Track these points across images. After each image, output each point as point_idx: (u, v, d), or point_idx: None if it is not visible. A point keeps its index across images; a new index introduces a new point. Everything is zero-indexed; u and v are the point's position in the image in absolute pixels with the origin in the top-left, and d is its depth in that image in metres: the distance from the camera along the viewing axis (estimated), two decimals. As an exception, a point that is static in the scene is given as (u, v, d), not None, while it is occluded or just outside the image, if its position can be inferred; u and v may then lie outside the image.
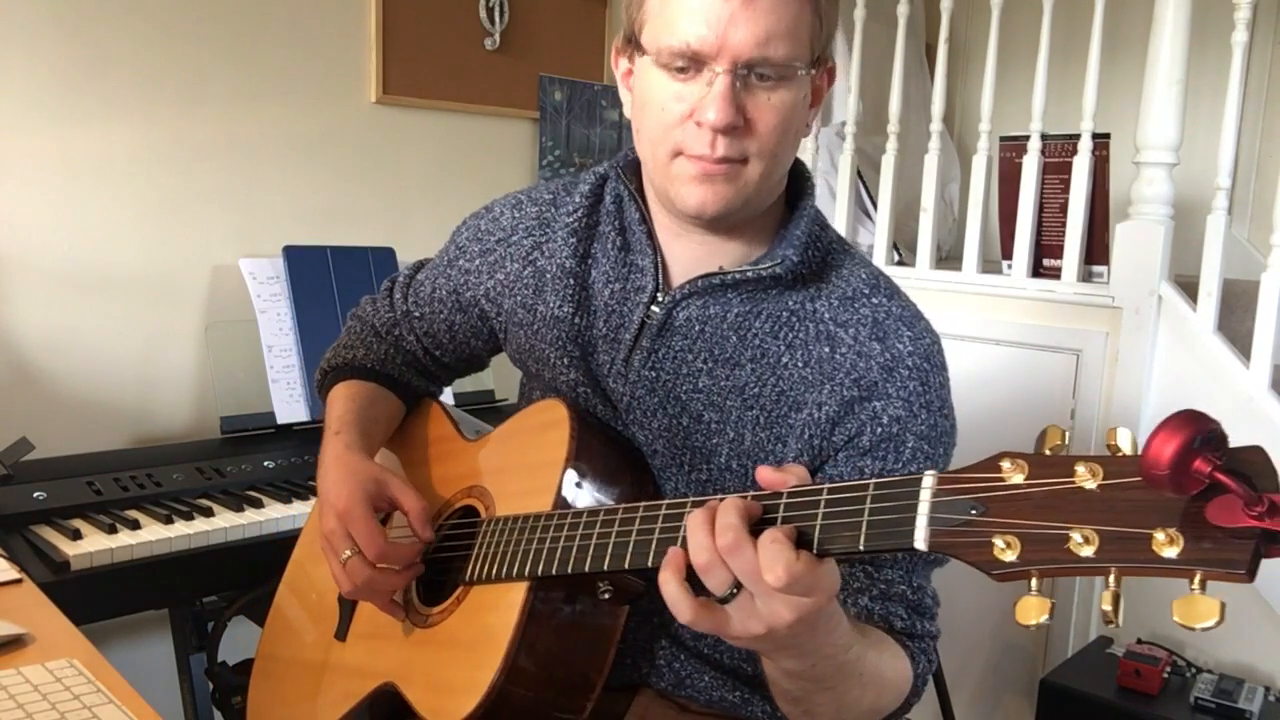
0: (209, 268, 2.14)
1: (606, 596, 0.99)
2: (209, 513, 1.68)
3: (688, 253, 1.08)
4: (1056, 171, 2.34)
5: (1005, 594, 0.61)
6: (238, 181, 2.17)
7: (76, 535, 1.54)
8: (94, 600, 1.50)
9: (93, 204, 1.99)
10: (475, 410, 2.17)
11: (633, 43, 1.03)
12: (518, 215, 1.19)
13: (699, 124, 0.96)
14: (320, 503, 1.14)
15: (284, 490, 1.80)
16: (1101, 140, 2.26)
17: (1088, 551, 0.60)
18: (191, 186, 2.11)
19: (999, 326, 2.37)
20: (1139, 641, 2.08)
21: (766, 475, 0.81)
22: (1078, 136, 2.26)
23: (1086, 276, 2.29)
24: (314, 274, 2.11)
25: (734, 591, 0.78)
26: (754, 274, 1.03)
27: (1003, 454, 0.67)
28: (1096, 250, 2.28)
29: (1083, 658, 2.11)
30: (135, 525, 1.60)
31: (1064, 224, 2.31)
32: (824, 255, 1.08)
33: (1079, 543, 0.61)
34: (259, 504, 1.74)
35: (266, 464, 1.88)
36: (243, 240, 2.18)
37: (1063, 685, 1.99)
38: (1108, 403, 2.21)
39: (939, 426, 1.02)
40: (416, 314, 1.29)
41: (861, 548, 0.73)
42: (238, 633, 1.73)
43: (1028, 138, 2.35)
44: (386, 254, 2.23)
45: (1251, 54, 2.43)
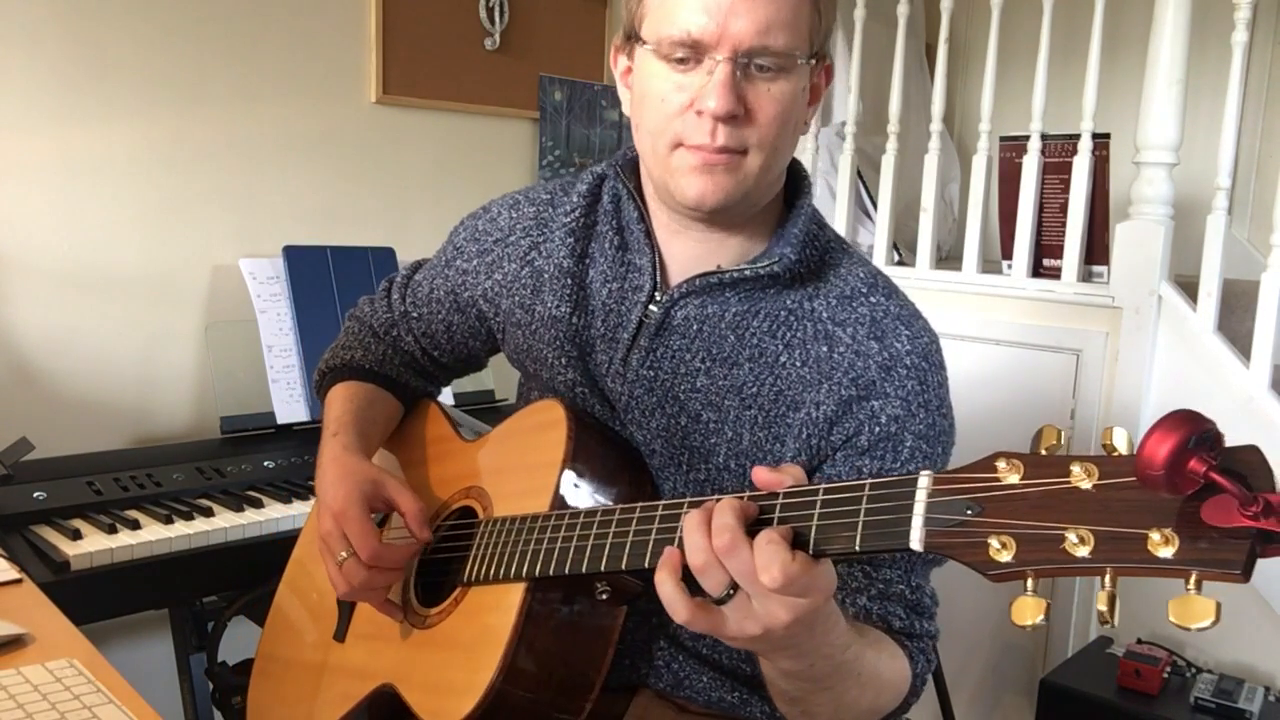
0: (209, 268, 2.14)
1: (604, 597, 0.99)
2: (209, 513, 1.68)
3: (686, 251, 1.08)
4: (1056, 171, 2.34)
5: (1005, 594, 0.61)
6: (238, 181, 2.17)
7: (76, 535, 1.54)
8: (94, 600, 1.50)
9: (93, 204, 1.99)
10: (475, 410, 2.17)
11: (632, 38, 1.03)
12: (515, 215, 1.19)
13: (699, 113, 0.96)
14: (318, 503, 1.14)
15: (284, 490, 1.80)
16: (1101, 140, 2.26)
17: (1083, 552, 0.60)
18: (191, 186, 2.11)
19: (999, 326, 2.37)
20: (1139, 641, 2.08)
21: (762, 476, 0.81)
22: (1078, 136, 2.26)
23: (1086, 276, 2.29)
24: (314, 274, 2.11)
25: (731, 592, 0.78)
26: (752, 273, 1.03)
27: (998, 454, 0.67)
28: (1096, 250, 2.28)
29: (1083, 658, 2.11)
30: (135, 525, 1.61)
31: (1064, 224, 2.30)
32: (822, 254, 1.08)
33: (1074, 543, 0.61)
34: (259, 504, 1.74)
35: (266, 464, 1.88)
36: (243, 240, 2.18)
37: (1063, 685, 1.99)
38: (1107, 403, 2.21)
39: (937, 426, 1.02)
40: (414, 314, 1.29)
41: (858, 548, 0.73)
42: (238, 633, 1.73)
43: (1028, 138, 2.35)
44: (386, 254, 2.23)
45: (1251, 54, 2.43)
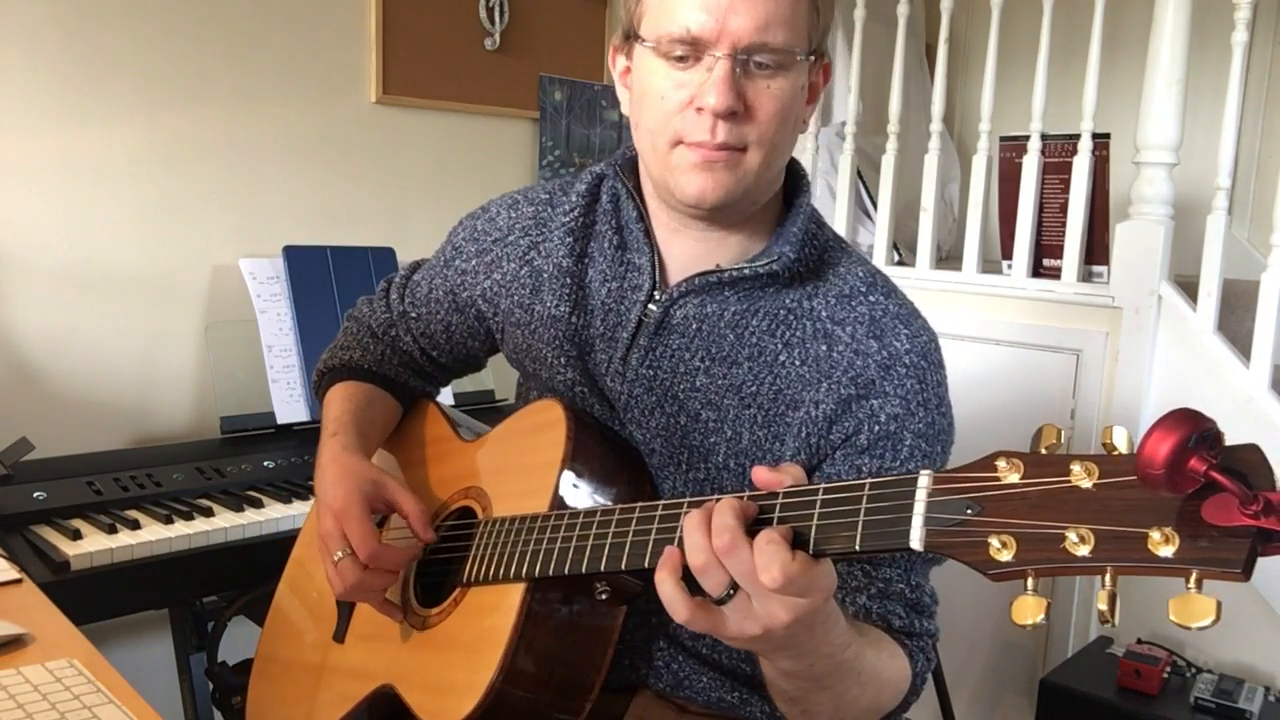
0: (209, 268, 2.14)
1: (604, 597, 0.99)
2: (209, 513, 1.68)
3: (685, 250, 1.08)
4: (1056, 171, 2.34)
5: (1005, 594, 0.61)
6: (238, 181, 2.17)
7: (76, 535, 1.54)
8: (94, 600, 1.49)
9: (93, 204, 1.99)
10: (475, 410, 2.17)
11: (631, 37, 1.03)
12: (514, 215, 1.19)
13: (699, 110, 0.96)
14: (317, 503, 1.14)
15: (284, 490, 1.80)
16: (1101, 140, 2.26)
17: (1084, 551, 0.60)
18: (191, 186, 2.11)
19: (999, 326, 2.37)
20: (1139, 641, 2.08)
21: (762, 475, 0.81)
22: (1078, 136, 2.26)
23: (1086, 276, 2.29)
24: (314, 274, 2.11)
25: (731, 592, 0.78)
26: (751, 271, 1.03)
27: (998, 453, 0.67)
28: (1096, 250, 2.28)
29: (1083, 658, 2.11)
30: (135, 525, 1.60)
31: (1064, 224, 2.30)
32: (821, 253, 1.08)
33: (1075, 542, 0.61)
34: (259, 504, 1.74)
35: (266, 464, 1.88)
36: (243, 240, 2.18)
37: (1063, 685, 1.99)
38: (1107, 403, 2.21)
39: (936, 424, 1.02)
40: (413, 314, 1.29)
41: (857, 548, 0.73)
42: (238, 633, 1.73)
43: (1028, 138, 2.35)
44: (386, 254, 2.23)
45: (1251, 54, 2.43)
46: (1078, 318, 2.26)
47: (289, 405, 2.02)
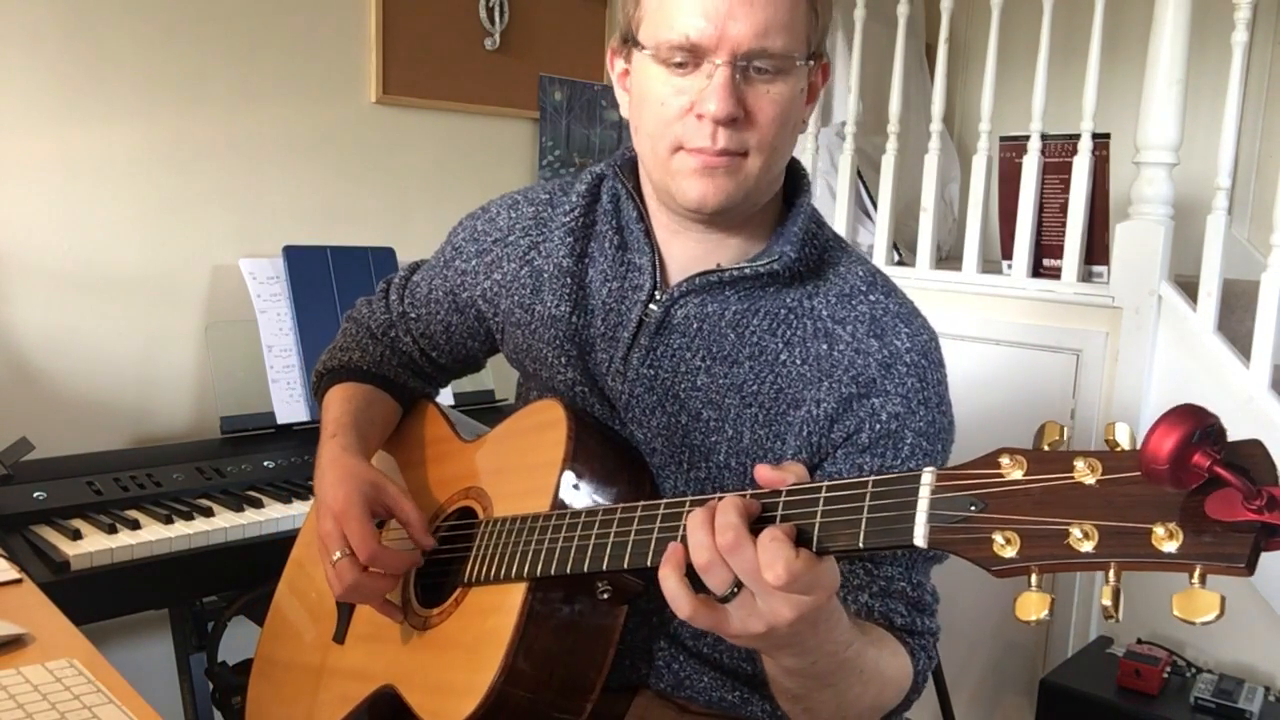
0: (209, 268, 2.14)
1: (605, 596, 0.98)
2: (209, 513, 1.68)
3: (685, 251, 1.08)
4: (1056, 171, 2.34)
5: (1005, 593, 0.61)
6: (238, 181, 2.17)
7: (76, 535, 1.54)
8: (94, 600, 1.49)
9: (93, 204, 1.99)
10: (475, 410, 2.17)
11: (629, 41, 1.03)
12: (514, 215, 1.19)
13: (700, 116, 0.96)
14: (317, 504, 1.14)
15: (284, 490, 1.80)
16: (1101, 140, 2.26)
17: (1087, 547, 0.60)
18: (191, 186, 2.11)
19: (999, 326, 2.37)
20: (1139, 641, 2.08)
21: (765, 474, 0.81)
22: (1078, 136, 2.26)
23: (1086, 276, 2.29)
24: (314, 274, 2.11)
25: (734, 590, 0.78)
26: (752, 271, 1.03)
27: (1001, 450, 0.67)
28: (1096, 250, 2.28)
29: (1083, 657, 2.11)
30: (135, 525, 1.60)
31: (1064, 224, 2.31)
32: (821, 252, 1.08)
33: (1079, 538, 0.61)
34: (259, 504, 1.74)
35: (266, 464, 1.88)
36: (243, 240, 2.18)
37: (1063, 685, 1.99)
38: (1108, 403, 2.21)
39: (937, 423, 1.03)
40: (413, 315, 1.29)
41: (861, 545, 0.73)
42: (238, 633, 1.72)
43: (1028, 138, 2.35)
44: (386, 254, 2.22)
45: (1251, 54, 2.43)
46: (1078, 318, 2.26)
47: (289, 405, 2.02)
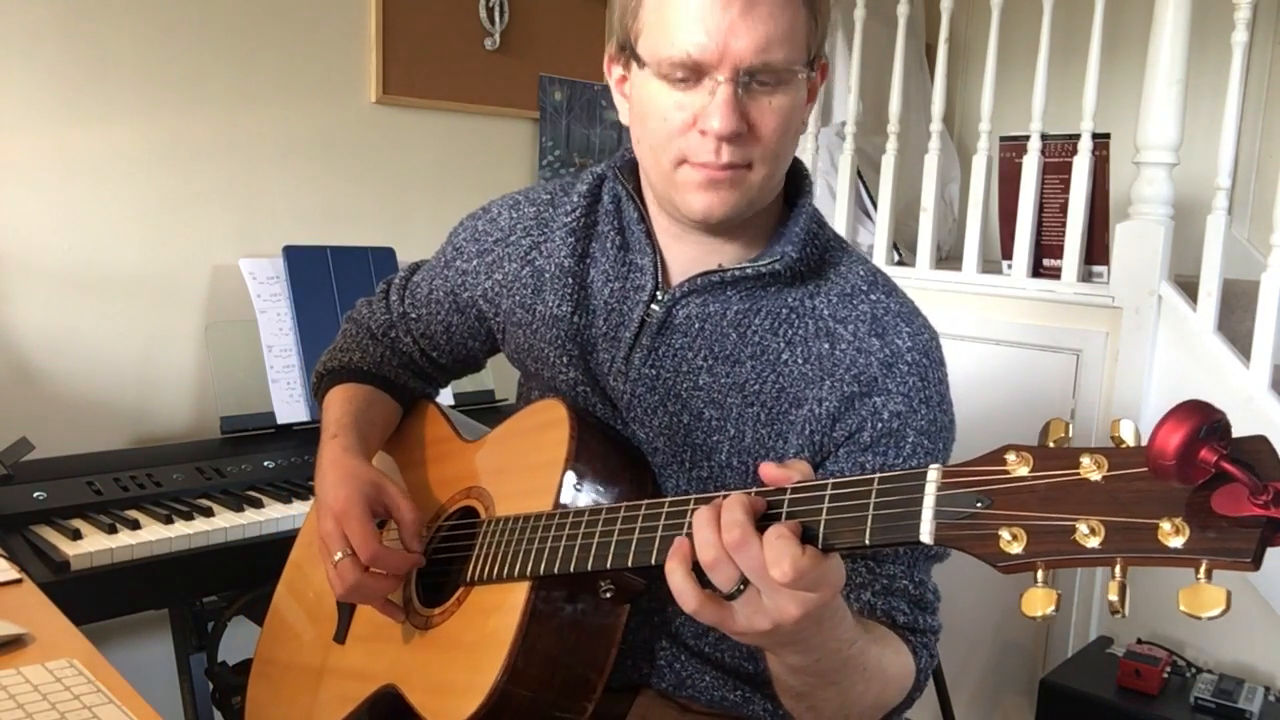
0: (209, 268, 2.14)
1: (608, 596, 0.98)
2: (209, 513, 1.68)
3: (687, 252, 1.08)
4: (1056, 171, 2.34)
5: (1005, 594, 0.61)
6: (238, 181, 2.17)
7: (76, 535, 1.54)
8: (94, 600, 1.49)
9: (93, 204, 1.99)
10: (475, 410, 2.17)
11: (627, 50, 1.02)
12: (515, 215, 1.19)
13: (703, 133, 0.95)
14: (317, 504, 1.14)
15: (284, 490, 1.80)
16: (1101, 140, 2.26)
17: (1094, 543, 0.60)
18: (191, 186, 2.11)
19: (999, 326, 2.37)
20: (1139, 641, 2.09)
21: (770, 471, 0.81)
22: (1078, 136, 2.27)
23: (1086, 276, 2.29)
24: (314, 274, 2.10)
25: (741, 588, 0.78)
26: (753, 271, 1.03)
27: (1007, 446, 0.67)
28: (1096, 250, 2.28)
29: (1083, 658, 2.11)
30: (135, 525, 1.60)
31: (1064, 224, 2.31)
32: (822, 252, 1.08)
33: (1085, 534, 0.61)
34: (259, 504, 1.74)
35: (266, 464, 1.88)
36: (243, 240, 2.18)
37: (1063, 685, 1.99)
38: (1108, 403, 2.21)
39: (938, 422, 1.03)
40: (413, 315, 1.29)
41: (867, 542, 0.73)
42: (238, 633, 1.72)
43: (1028, 138, 2.35)
44: (386, 254, 2.22)
45: (1251, 54, 2.43)
46: (1078, 318, 2.26)
47: (289, 405, 2.02)
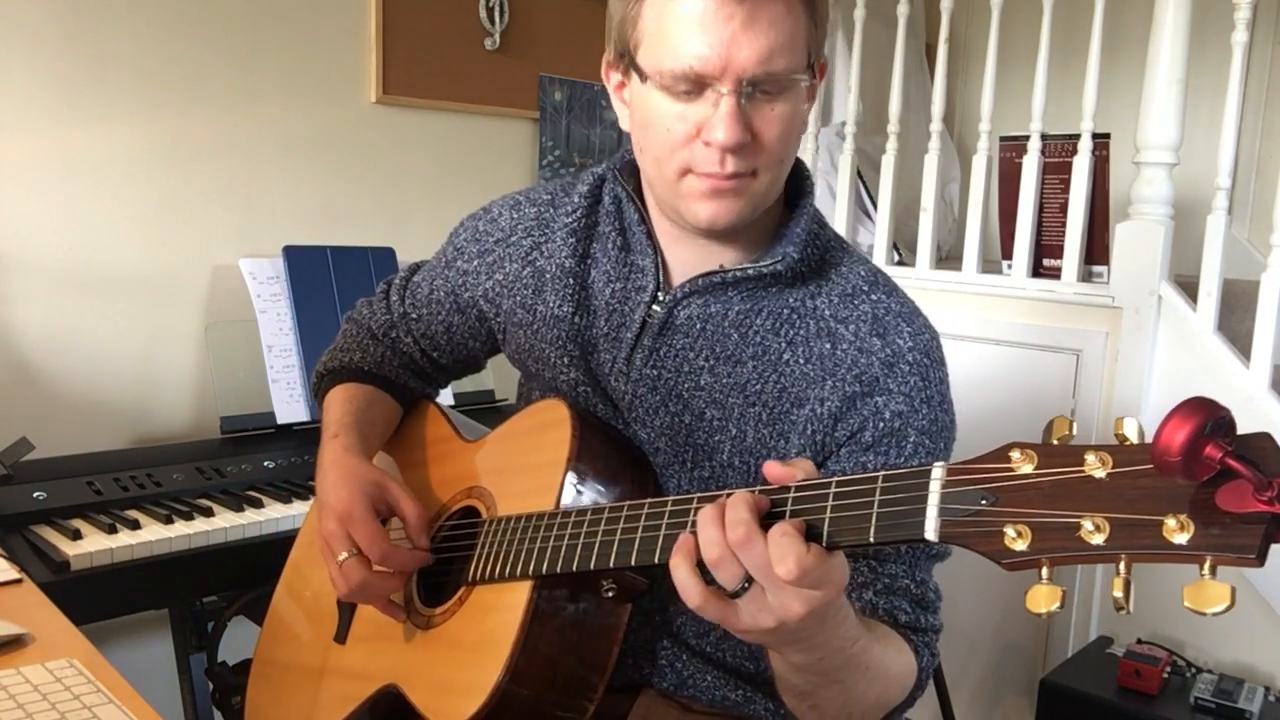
0: (209, 268, 2.14)
1: (610, 595, 0.98)
2: (209, 513, 1.68)
3: (688, 253, 1.08)
4: (1056, 171, 2.34)
5: (1006, 594, 0.61)
6: (238, 181, 2.17)
7: (76, 535, 1.54)
8: (94, 600, 1.49)
9: (93, 204, 1.99)
10: (475, 410, 2.17)
11: (626, 58, 1.01)
12: (516, 216, 1.19)
13: (707, 144, 0.95)
14: (319, 505, 1.14)
15: (284, 490, 1.79)
16: (1101, 140, 2.27)
17: (1099, 540, 0.61)
18: (191, 186, 2.10)
19: (999, 326, 2.37)
20: (1139, 641, 2.09)
21: (774, 470, 0.81)
22: (1078, 136, 2.27)
23: (1086, 276, 2.29)
24: (314, 274, 2.10)
25: (745, 586, 0.78)
26: (755, 271, 1.03)
27: (1012, 444, 0.67)
28: (1096, 250, 2.29)
29: (1083, 658, 2.11)
30: (135, 525, 1.60)
31: (1064, 224, 2.31)
32: (823, 253, 1.09)
33: (1090, 531, 0.61)
34: (259, 504, 1.74)
35: (266, 464, 1.88)
36: (243, 240, 2.18)
37: (1063, 685, 1.99)
38: (1108, 403, 2.21)
39: (939, 421, 1.03)
40: (414, 315, 1.29)
41: (872, 539, 0.73)
42: (238, 633, 1.72)
43: (1028, 138, 2.35)
44: (386, 254, 2.22)
45: (1251, 54, 2.43)
46: (1078, 318, 2.26)
47: (289, 405, 2.02)
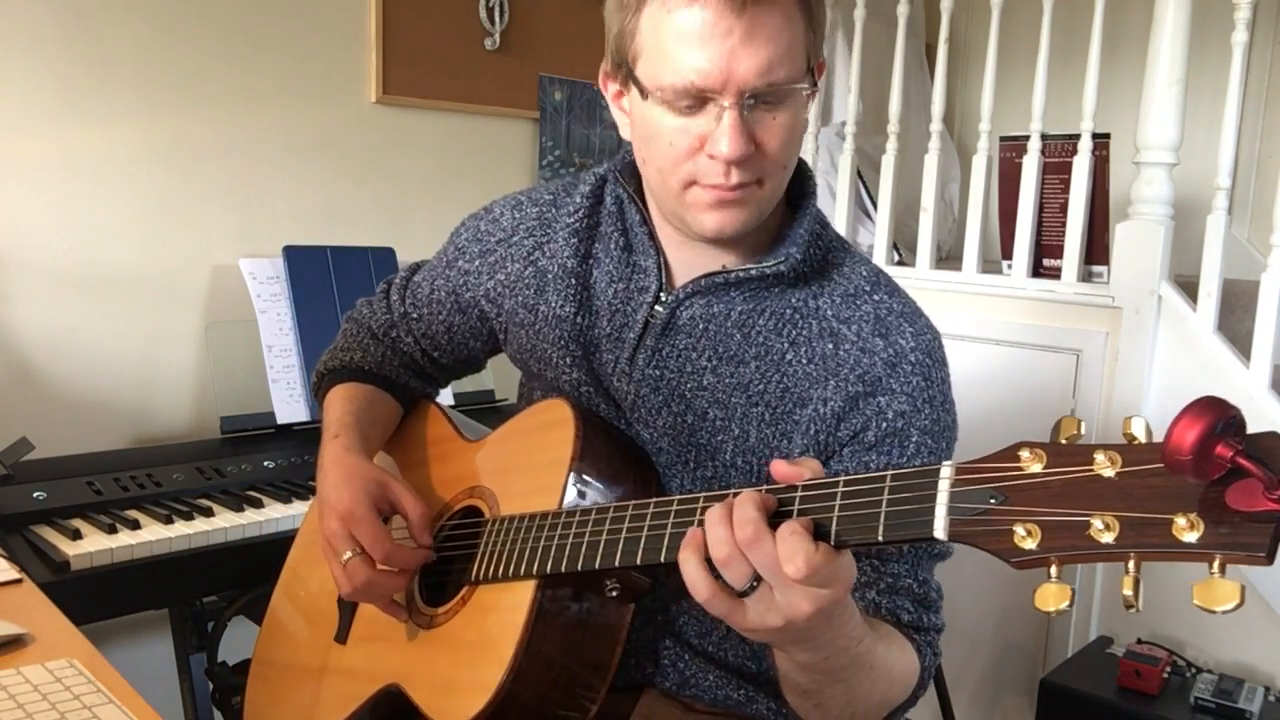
0: (209, 268, 2.13)
1: (614, 595, 0.98)
2: (209, 513, 1.68)
3: (690, 255, 1.08)
4: (1056, 171, 2.34)
5: (1006, 594, 0.61)
6: (238, 181, 2.16)
7: (76, 535, 1.54)
8: (94, 600, 1.49)
9: (93, 204, 1.98)
10: (475, 410, 2.17)
11: (624, 69, 1.00)
12: (518, 216, 1.19)
13: (711, 156, 0.95)
14: (320, 505, 1.13)
15: (284, 490, 1.79)
16: (1101, 140, 2.27)
17: (1108, 538, 0.61)
18: (191, 186, 2.10)
19: (999, 326, 2.37)
20: (1139, 641, 2.09)
21: (781, 469, 0.81)
22: (1078, 136, 2.27)
23: (1086, 276, 2.29)
24: (314, 274, 2.10)
25: (753, 585, 0.78)
26: (758, 272, 1.03)
27: (1021, 444, 0.67)
28: (1096, 250, 2.29)
29: (1083, 658, 2.11)
30: (135, 525, 1.60)
31: (1064, 224, 2.31)
32: (825, 253, 1.09)
33: (1100, 529, 0.61)
34: (259, 504, 1.73)
35: (266, 464, 1.88)
36: (243, 240, 2.17)
37: (1063, 685, 1.99)
38: (1108, 403, 2.21)
39: (941, 421, 1.03)
40: (415, 315, 1.29)
41: (880, 538, 0.73)
42: (238, 633, 1.72)
43: (1028, 138, 2.35)
44: (386, 254, 2.22)
45: (1251, 54, 2.43)
46: (1078, 318, 2.26)
47: (289, 405, 2.02)
